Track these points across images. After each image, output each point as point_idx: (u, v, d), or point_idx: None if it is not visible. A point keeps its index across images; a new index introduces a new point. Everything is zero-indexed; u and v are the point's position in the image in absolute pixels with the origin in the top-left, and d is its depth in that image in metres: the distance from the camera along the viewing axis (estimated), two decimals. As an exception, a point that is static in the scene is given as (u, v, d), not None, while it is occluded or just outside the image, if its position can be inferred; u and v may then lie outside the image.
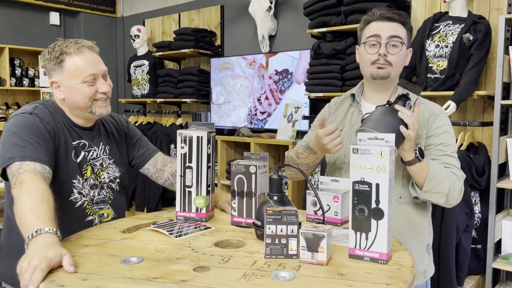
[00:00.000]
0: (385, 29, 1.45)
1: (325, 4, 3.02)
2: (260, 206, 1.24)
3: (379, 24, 1.46)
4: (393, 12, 1.46)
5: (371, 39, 1.46)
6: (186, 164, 1.38)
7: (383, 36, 1.44)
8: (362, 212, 1.05)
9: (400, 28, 1.46)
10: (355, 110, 1.57)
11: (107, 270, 0.99)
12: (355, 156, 1.05)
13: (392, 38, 1.44)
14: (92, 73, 1.40)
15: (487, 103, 2.68)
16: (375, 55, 1.45)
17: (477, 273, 2.56)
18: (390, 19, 1.45)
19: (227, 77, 3.84)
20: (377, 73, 1.46)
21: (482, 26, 2.47)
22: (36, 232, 1.03)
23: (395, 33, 1.44)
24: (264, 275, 0.96)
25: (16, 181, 1.19)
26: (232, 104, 3.81)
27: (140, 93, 4.53)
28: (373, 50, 1.46)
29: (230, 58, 3.84)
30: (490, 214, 2.40)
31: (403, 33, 1.46)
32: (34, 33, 4.83)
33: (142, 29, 4.50)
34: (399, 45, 1.45)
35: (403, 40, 1.46)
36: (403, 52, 1.47)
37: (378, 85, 1.51)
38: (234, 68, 3.78)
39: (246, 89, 3.71)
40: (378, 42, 1.45)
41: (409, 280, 0.95)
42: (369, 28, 1.48)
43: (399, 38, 1.45)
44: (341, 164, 1.57)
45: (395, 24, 1.45)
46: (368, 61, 1.48)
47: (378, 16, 1.47)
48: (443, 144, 1.45)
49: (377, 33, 1.45)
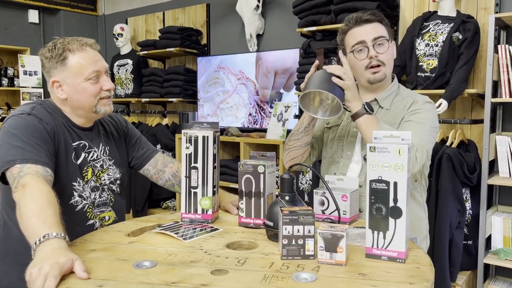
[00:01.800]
0: (367, 33, 1.48)
1: (315, 3, 3.02)
2: (271, 206, 1.22)
3: (359, 29, 1.49)
4: (368, 14, 1.49)
5: (357, 46, 1.49)
6: (191, 165, 1.35)
7: (368, 40, 1.47)
8: (380, 211, 1.04)
9: (380, 27, 1.49)
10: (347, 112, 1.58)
11: (121, 275, 0.95)
12: (372, 154, 1.04)
13: (376, 39, 1.47)
14: (96, 70, 1.37)
15: (475, 101, 2.72)
16: (366, 60, 1.48)
17: (468, 269, 2.60)
18: (368, 21, 1.48)
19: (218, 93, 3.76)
20: (374, 78, 1.50)
21: (471, 25, 2.51)
22: (43, 237, 0.98)
23: (377, 34, 1.47)
24: (285, 277, 0.95)
25: (17, 185, 1.14)
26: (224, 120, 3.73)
27: (123, 93, 4.44)
28: (362, 55, 1.49)
29: (219, 73, 3.76)
30: (481, 210, 2.44)
31: (384, 30, 1.50)
32: (12, 31, 4.67)
33: (126, 28, 4.42)
34: (385, 43, 1.48)
35: (387, 37, 1.49)
36: (390, 49, 1.50)
37: (375, 87, 1.54)
38: (224, 83, 3.71)
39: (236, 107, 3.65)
40: (364, 46, 1.48)
41: (430, 279, 0.94)
42: (351, 35, 1.51)
43: (382, 37, 1.48)
44: (338, 158, 1.58)
45: (374, 24, 1.48)
46: (361, 67, 1.50)
47: (355, 22, 1.50)
48: (414, 121, 1.44)
49: (361, 39, 1.48)
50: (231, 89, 3.64)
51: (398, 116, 1.50)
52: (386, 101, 1.54)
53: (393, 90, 1.55)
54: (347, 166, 1.55)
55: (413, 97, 1.53)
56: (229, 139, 3.46)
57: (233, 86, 3.62)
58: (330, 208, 1.35)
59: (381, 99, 1.53)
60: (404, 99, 1.54)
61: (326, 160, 1.65)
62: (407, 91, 1.58)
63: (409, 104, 1.51)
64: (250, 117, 3.55)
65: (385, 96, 1.54)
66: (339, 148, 1.58)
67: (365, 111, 1.37)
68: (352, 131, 1.56)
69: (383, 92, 1.54)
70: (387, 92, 1.54)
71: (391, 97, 1.54)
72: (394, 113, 1.52)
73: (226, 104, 3.70)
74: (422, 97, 1.55)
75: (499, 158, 2.49)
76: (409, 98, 1.53)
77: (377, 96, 1.54)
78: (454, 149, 2.47)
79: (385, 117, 1.51)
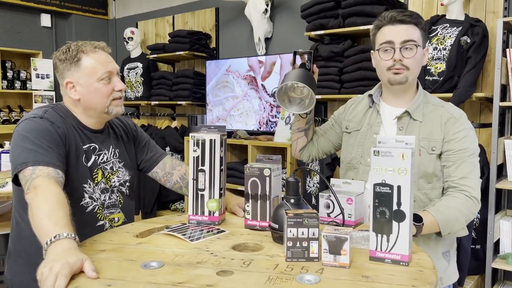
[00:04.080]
0: (398, 34, 1.42)
1: (323, 7, 3.04)
2: (276, 209, 1.24)
3: (391, 28, 1.44)
4: (404, 14, 1.43)
5: (385, 45, 1.44)
6: (198, 168, 1.37)
7: (396, 41, 1.42)
8: (383, 214, 1.05)
9: (413, 30, 1.43)
10: (374, 111, 1.56)
11: (129, 276, 0.97)
12: (376, 158, 1.05)
13: (405, 43, 1.42)
14: (108, 71, 1.41)
15: (484, 105, 2.72)
16: (390, 61, 1.44)
17: (476, 273, 2.59)
18: (402, 22, 1.43)
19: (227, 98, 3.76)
20: (394, 78, 1.45)
21: (479, 29, 2.51)
22: (54, 237, 1.01)
23: (408, 37, 1.42)
24: (289, 278, 0.96)
25: (30, 186, 1.17)
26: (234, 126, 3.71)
27: (133, 96, 4.49)
28: (387, 56, 1.44)
29: (228, 77, 3.78)
30: (489, 214, 2.43)
31: (417, 34, 1.43)
32: (25, 35, 4.76)
33: (136, 31, 4.48)
34: (413, 48, 1.42)
35: (417, 42, 1.43)
36: (418, 54, 1.44)
37: (396, 89, 1.49)
38: (234, 88, 3.72)
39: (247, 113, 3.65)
40: (392, 47, 1.43)
41: (433, 282, 0.95)
42: (381, 33, 1.46)
43: (412, 41, 1.42)
44: (357, 164, 1.56)
45: (408, 26, 1.43)
46: (384, 67, 1.46)
47: (389, 20, 1.44)
48: (463, 150, 1.43)
49: (390, 39, 1.43)
50: (240, 94, 3.66)
51: (436, 132, 1.46)
52: (417, 112, 1.49)
53: (421, 98, 1.51)
54: (367, 173, 1.52)
55: (447, 109, 1.49)
56: (237, 142, 3.48)
57: (243, 91, 3.64)
58: (335, 211, 1.37)
59: (412, 110, 1.48)
60: (437, 108, 1.50)
61: (344, 164, 1.63)
62: (435, 99, 1.54)
63: (446, 119, 1.46)
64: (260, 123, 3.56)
65: (416, 107, 1.49)
66: (358, 154, 1.56)
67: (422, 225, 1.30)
68: (372, 137, 1.54)
69: (413, 102, 1.49)
70: (416, 102, 1.49)
71: (421, 107, 1.50)
72: (431, 128, 1.47)
73: (237, 110, 3.71)
74: (455, 109, 1.50)
75: (508, 162, 2.48)
76: (443, 109, 1.49)
77: (407, 108, 1.49)
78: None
79: (421, 132, 1.47)
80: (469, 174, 1.42)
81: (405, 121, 1.49)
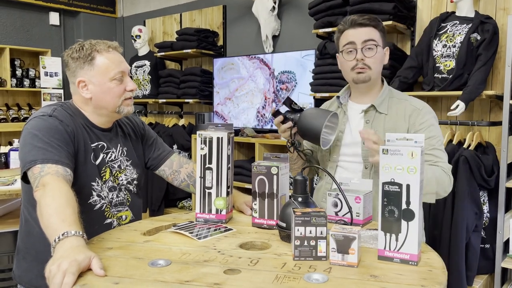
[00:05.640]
0: (359, 35, 1.52)
1: (331, 4, 3.02)
2: (284, 207, 1.24)
3: (353, 31, 1.54)
4: (363, 18, 1.53)
5: (347, 47, 1.54)
6: (206, 166, 1.37)
7: (358, 42, 1.52)
8: (392, 213, 1.04)
9: (373, 32, 1.53)
10: (341, 112, 1.65)
11: (137, 273, 0.97)
12: (385, 157, 1.04)
13: (366, 42, 1.52)
14: (121, 71, 1.42)
15: (494, 103, 2.69)
16: (353, 61, 1.54)
17: (485, 273, 2.56)
18: (362, 25, 1.53)
19: (233, 79, 3.80)
20: (358, 77, 1.55)
21: (489, 26, 2.48)
22: (62, 235, 1.01)
23: (368, 37, 1.52)
24: (297, 277, 0.96)
25: (38, 184, 1.18)
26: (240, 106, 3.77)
27: (141, 94, 4.51)
28: (350, 56, 1.54)
29: (234, 59, 3.81)
30: (499, 213, 2.41)
31: (377, 35, 1.54)
32: (34, 33, 4.79)
33: (143, 29, 4.48)
34: (374, 48, 1.53)
35: (377, 42, 1.53)
36: (379, 54, 1.54)
37: (362, 88, 1.59)
38: (239, 69, 3.75)
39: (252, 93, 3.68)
40: (354, 48, 1.53)
41: (443, 282, 0.94)
42: (344, 36, 1.56)
43: (372, 41, 1.52)
44: (327, 162, 1.65)
45: (367, 28, 1.53)
46: (348, 68, 1.56)
47: (350, 24, 1.55)
48: (431, 138, 1.51)
49: (352, 40, 1.53)
50: (246, 75, 3.68)
51: (400, 121, 1.55)
52: (382, 106, 1.58)
53: (386, 93, 1.61)
54: (333, 169, 1.63)
55: (410, 102, 1.58)
56: (244, 140, 3.48)
57: (249, 72, 3.67)
58: (343, 209, 1.36)
59: (378, 104, 1.58)
60: (400, 102, 1.59)
61: (321, 163, 1.71)
62: (399, 94, 1.65)
63: (410, 112, 1.55)
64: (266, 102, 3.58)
65: (381, 101, 1.58)
66: (326, 152, 1.65)
67: None
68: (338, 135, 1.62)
69: (378, 97, 1.59)
70: (382, 96, 1.59)
71: (386, 100, 1.59)
72: (396, 119, 1.56)
73: (242, 91, 3.75)
74: (418, 102, 1.59)
75: (518, 161, 2.45)
76: (406, 102, 1.58)
77: (373, 102, 1.58)
78: (471, 151, 2.44)
79: (387, 123, 1.56)
80: (441, 159, 1.50)
81: (371, 114, 1.58)
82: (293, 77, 3.44)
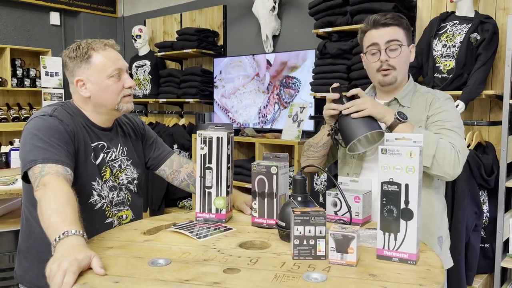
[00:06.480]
0: (382, 36, 1.50)
1: (331, 4, 3.02)
2: (283, 207, 1.24)
3: (375, 32, 1.52)
4: (386, 17, 1.51)
5: (371, 48, 1.53)
6: (206, 165, 1.37)
7: (381, 43, 1.50)
8: (391, 212, 1.05)
9: (397, 31, 1.51)
10: None
11: (137, 273, 0.98)
12: (384, 157, 1.05)
13: (389, 43, 1.50)
14: (118, 67, 1.42)
15: (493, 103, 2.69)
16: (378, 63, 1.53)
17: (485, 272, 2.57)
18: (385, 25, 1.51)
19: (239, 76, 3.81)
20: (384, 80, 1.54)
21: (489, 26, 2.48)
22: (63, 234, 1.02)
23: (391, 37, 1.50)
24: (296, 276, 0.96)
25: (39, 184, 1.18)
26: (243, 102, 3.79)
27: (141, 93, 4.51)
28: (374, 58, 1.53)
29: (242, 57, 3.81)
30: (499, 213, 2.41)
31: (401, 34, 1.52)
32: (34, 33, 4.80)
33: (144, 29, 4.49)
34: (398, 48, 1.51)
35: (401, 42, 1.51)
36: (404, 53, 1.52)
37: (388, 89, 1.58)
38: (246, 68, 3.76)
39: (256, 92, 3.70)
40: (377, 49, 1.52)
41: (441, 281, 0.95)
42: (367, 37, 1.55)
43: (396, 41, 1.50)
44: (350, 159, 1.62)
45: (391, 28, 1.51)
46: (373, 69, 1.55)
47: (373, 24, 1.53)
48: (442, 120, 1.48)
49: (375, 41, 1.52)
50: (252, 74, 3.71)
51: (422, 113, 1.53)
52: (405, 99, 1.57)
53: (410, 88, 1.59)
54: (360, 167, 1.59)
55: (433, 93, 1.56)
56: (244, 139, 3.48)
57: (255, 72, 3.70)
58: (342, 209, 1.36)
59: (401, 97, 1.57)
60: (423, 94, 1.57)
61: (340, 160, 1.69)
62: (425, 88, 1.62)
63: (430, 100, 1.53)
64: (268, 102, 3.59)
65: (404, 95, 1.57)
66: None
67: (398, 121, 1.41)
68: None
69: (401, 91, 1.57)
70: (405, 90, 1.58)
71: (410, 95, 1.58)
72: (417, 111, 1.54)
73: (244, 88, 3.77)
74: (441, 93, 1.57)
75: (518, 161, 2.46)
76: (429, 94, 1.57)
77: (396, 96, 1.57)
78: (471, 151, 2.44)
79: (409, 116, 1.51)
80: (451, 137, 1.43)
81: (393, 107, 1.56)
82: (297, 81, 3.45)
